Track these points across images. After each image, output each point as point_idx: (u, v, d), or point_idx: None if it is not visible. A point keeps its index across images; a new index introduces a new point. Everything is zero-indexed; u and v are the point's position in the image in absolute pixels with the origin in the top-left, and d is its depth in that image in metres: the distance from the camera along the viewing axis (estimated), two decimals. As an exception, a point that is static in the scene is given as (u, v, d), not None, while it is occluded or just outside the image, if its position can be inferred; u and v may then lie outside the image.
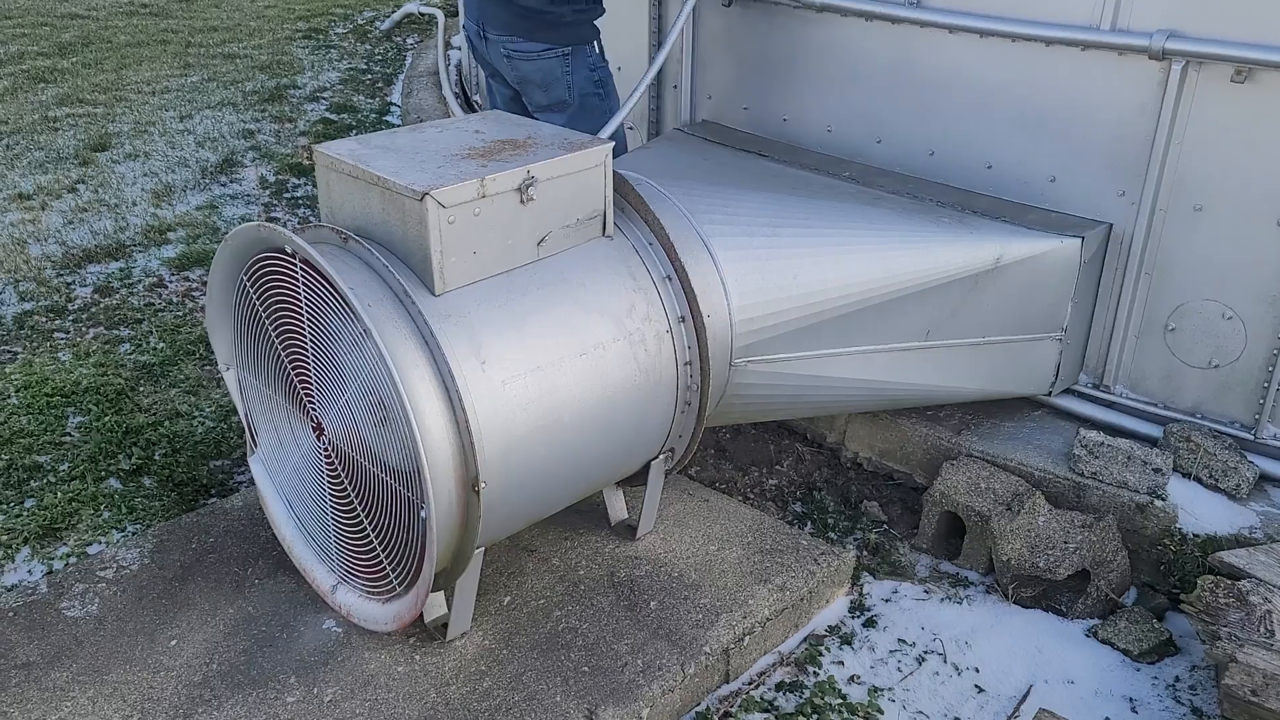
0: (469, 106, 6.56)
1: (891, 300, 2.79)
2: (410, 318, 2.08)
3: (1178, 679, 2.51)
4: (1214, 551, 2.60)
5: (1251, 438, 2.88)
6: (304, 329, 2.21)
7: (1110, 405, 3.09)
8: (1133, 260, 2.95)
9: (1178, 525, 2.71)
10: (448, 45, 7.91)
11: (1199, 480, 2.81)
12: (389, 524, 2.21)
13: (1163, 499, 2.73)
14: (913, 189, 3.18)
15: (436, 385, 2.06)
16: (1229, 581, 2.47)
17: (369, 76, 7.78)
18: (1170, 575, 2.70)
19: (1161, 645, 2.57)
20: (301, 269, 2.15)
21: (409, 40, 9.02)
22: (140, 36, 8.86)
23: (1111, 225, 2.98)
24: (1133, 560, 2.77)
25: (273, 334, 2.32)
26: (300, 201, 5.34)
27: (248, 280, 2.33)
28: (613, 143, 2.39)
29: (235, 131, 6.29)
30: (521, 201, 2.21)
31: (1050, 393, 3.12)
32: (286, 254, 2.18)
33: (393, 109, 6.96)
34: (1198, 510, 2.72)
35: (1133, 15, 2.77)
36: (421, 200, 2.05)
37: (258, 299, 2.32)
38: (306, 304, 2.17)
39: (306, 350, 2.24)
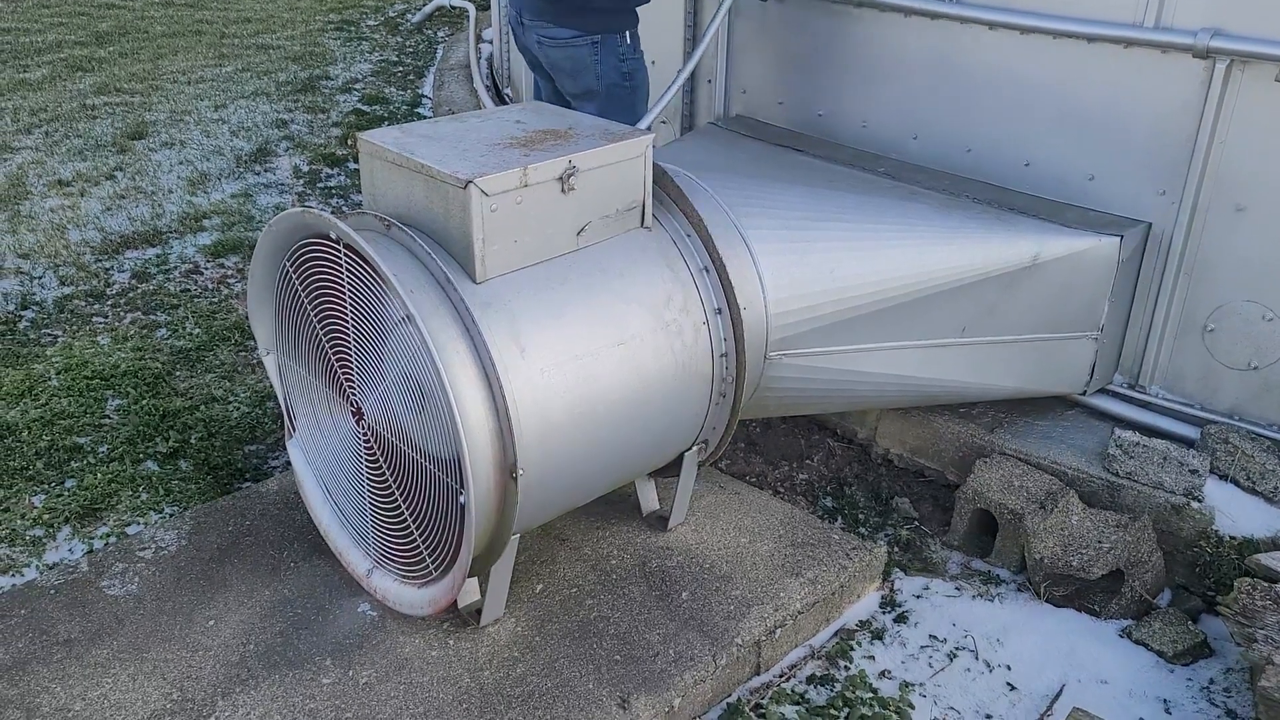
0: (500, 99, 6.59)
1: (927, 296, 2.78)
2: (452, 304, 2.10)
3: (1212, 681, 2.49)
4: (1251, 554, 2.58)
5: (1290, 440, 2.86)
6: (346, 314, 2.23)
7: (1146, 406, 3.07)
8: (1172, 260, 2.93)
9: (1214, 527, 2.69)
10: (479, 39, 7.94)
11: (1236, 482, 2.79)
12: (426, 509, 2.23)
13: (1199, 500, 2.71)
14: (949, 185, 3.17)
15: (477, 372, 2.08)
16: (1266, 584, 2.46)
17: (400, 69, 7.82)
18: (1206, 577, 2.69)
19: (1196, 647, 2.55)
20: (345, 254, 2.17)
21: (440, 33, 9.06)
22: (175, 27, 8.94)
23: (1151, 224, 2.96)
24: (1168, 561, 2.75)
25: (314, 319, 2.35)
26: (334, 191, 5.38)
27: (290, 265, 2.35)
28: (653, 134, 2.40)
29: (269, 121, 6.34)
30: (563, 191, 2.23)
31: (1085, 392, 3.11)
32: (330, 240, 2.20)
33: (424, 101, 7.00)
34: (1235, 512, 2.70)
35: (1176, 13, 2.75)
36: (465, 188, 2.06)
37: (300, 284, 2.34)
38: (349, 289, 2.19)
39: (348, 335, 2.26)
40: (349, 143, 5.97)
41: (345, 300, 2.22)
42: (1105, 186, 3.02)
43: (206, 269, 4.46)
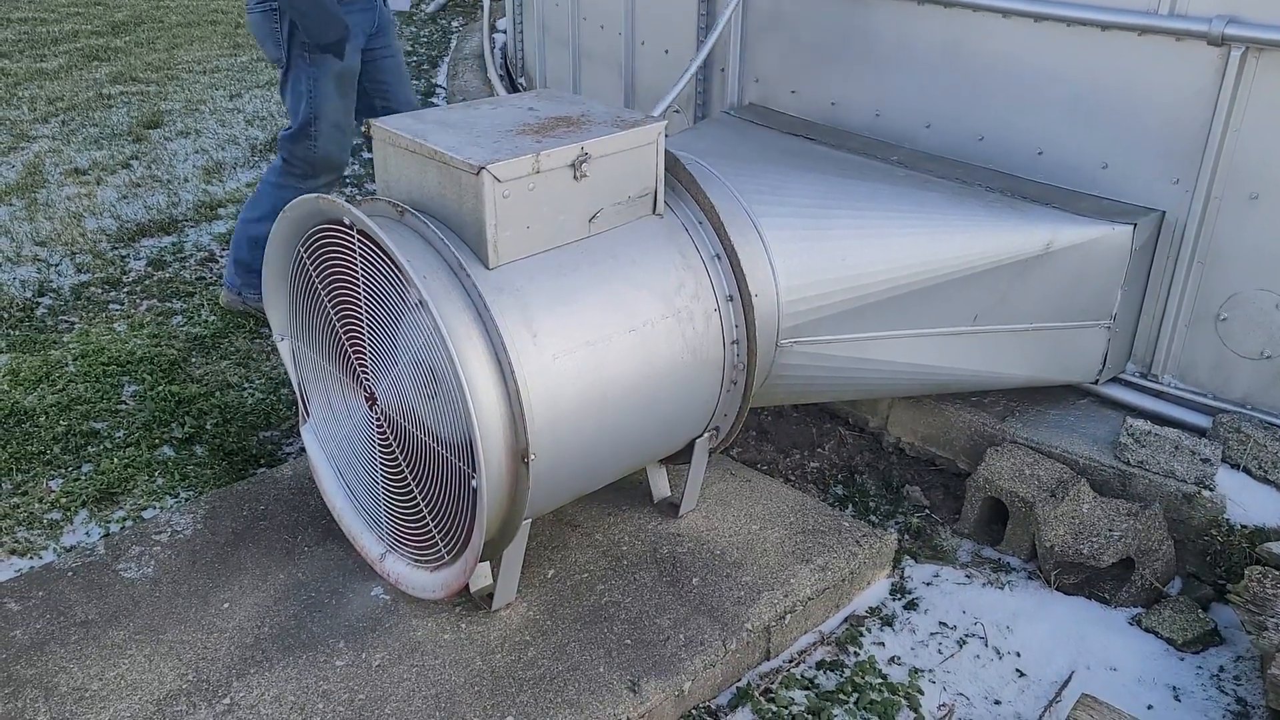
0: (514, 89, 6.59)
1: (939, 284, 2.78)
2: (464, 290, 2.12)
3: (1222, 669, 2.49)
4: (1262, 542, 2.58)
5: (1303, 430, 2.85)
6: (359, 300, 2.25)
7: (1158, 395, 3.07)
8: (1185, 248, 2.92)
9: (1225, 516, 2.69)
10: (493, 28, 7.95)
11: (1248, 471, 2.78)
12: (439, 493, 2.25)
13: (1210, 489, 2.71)
14: (962, 174, 3.17)
15: (489, 357, 2.09)
16: (1277, 572, 2.45)
17: (415, 59, 7.83)
18: (1216, 565, 2.69)
19: (1206, 635, 2.56)
20: (359, 241, 2.19)
21: (454, 23, 9.07)
22: (191, 17, 8.98)
23: (1164, 213, 2.95)
24: (1178, 550, 2.75)
25: (328, 305, 2.37)
26: (347, 180, 5.40)
27: (304, 252, 2.37)
28: (666, 121, 2.41)
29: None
30: (575, 178, 2.24)
31: (1097, 381, 3.10)
32: (344, 226, 2.22)
33: (438, 91, 7.01)
34: (1246, 501, 2.70)
35: (1191, 0, 2.74)
36: (477, 174, 2.07)
37: (314, 270, 2.36)
38: (363, 275, 2.21)
39: (361, 321, 2.28)
40: (363, 132, 5.99)
41: (359, 286, 2.24)
42: (1119, 175, 3.01)
43: (222, 257, 4.49)
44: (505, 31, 7.46)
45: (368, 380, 2.34)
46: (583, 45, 5.03)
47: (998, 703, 2.42)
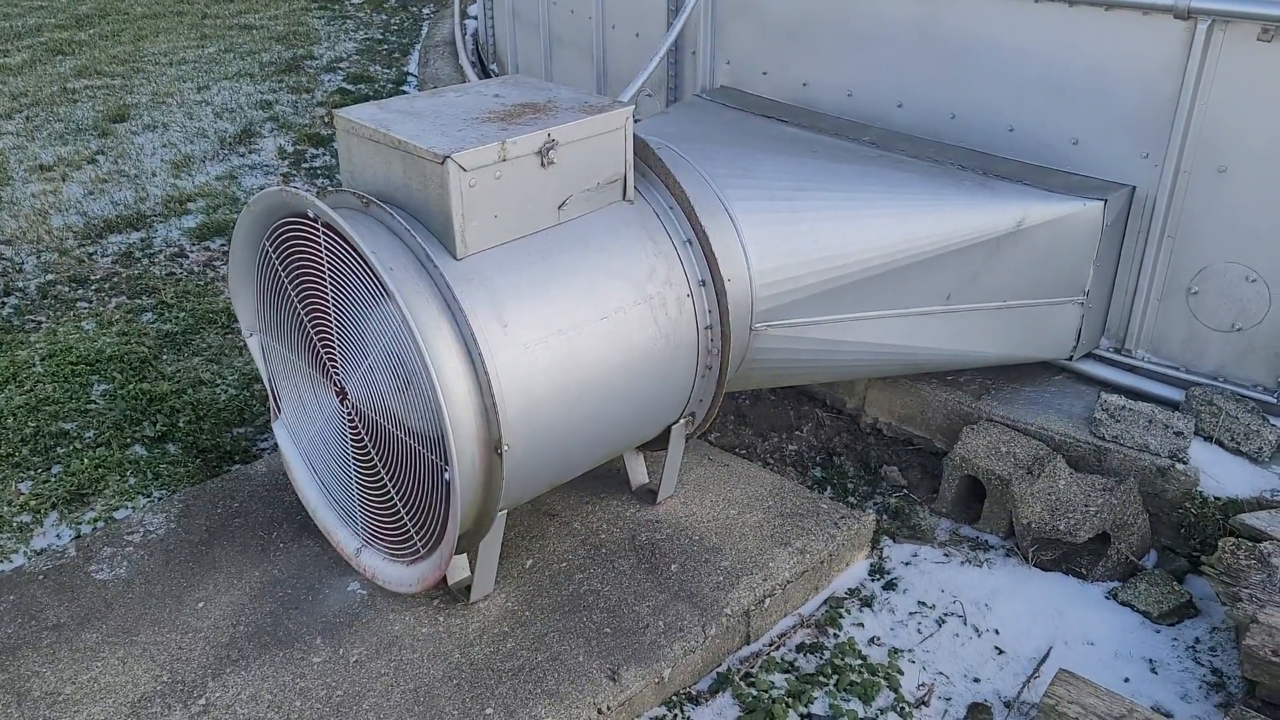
0: (485, 75, 6.54)
1: (912, 264, 2.78)
2: (432, 281, 2.09)
3: (1198, 640, 2.51)
4: (1235, 514, 2.59)
5: (1274, 400, 2.87)
6: (327, 293, 2.22)
7: (1132, 369, 3.08)
8: (1156, 223, 2.93)
9: (1199, 488, 2.70)
10: (464, 15, 7.88)
11: (1221, 444, 2.80)
12: (412, 487, 2.23)
13: (1184, 462, 2.72)
14: (934, 153, 3.16)
15: (459, 348, 2.07)
16: (1250, 544, 2.47)
17: (385, 47, 7.76)
18: (1191, 538, 2.70)
19: (1181, 607, 2.57)
20: (324, 233, 2.16)
21: (425, 10, 8.99)
22: (157, 8, 8.86)
23: (1135, 188, 2.95)
24: (1153, 523, 2.76)
25: (295, 299, 2.34)
26: (319, 171, 5.35)
27: (270, 245, 2.34)
28: (634, 106, 2.38)
29: (253, 102, 6.30)
30: (542, 165, 2.21)
31: (1071, 357, 3.11)
32: (309, 218, 2.19)
33: (409, 79, 6.95)
34: (1219, 473, 2.71)
35: (1158, -26, 2.74)
36: (443, 163, 2.05)
37: (280, 264, 2.33)
38: (329, 268, 2.18)
39: (329, 314, 2.25)
40: (333, 122, 5.93)
41: (325, 279, 2.21)
42: (1089, 150, 3.01)
43: (192, 252, 4.44)
44: (477, 18, 7.40)
45: (338, 375, 2.32)
46: (554, 30, 4.99)
47: (977, 680, 2.42)
